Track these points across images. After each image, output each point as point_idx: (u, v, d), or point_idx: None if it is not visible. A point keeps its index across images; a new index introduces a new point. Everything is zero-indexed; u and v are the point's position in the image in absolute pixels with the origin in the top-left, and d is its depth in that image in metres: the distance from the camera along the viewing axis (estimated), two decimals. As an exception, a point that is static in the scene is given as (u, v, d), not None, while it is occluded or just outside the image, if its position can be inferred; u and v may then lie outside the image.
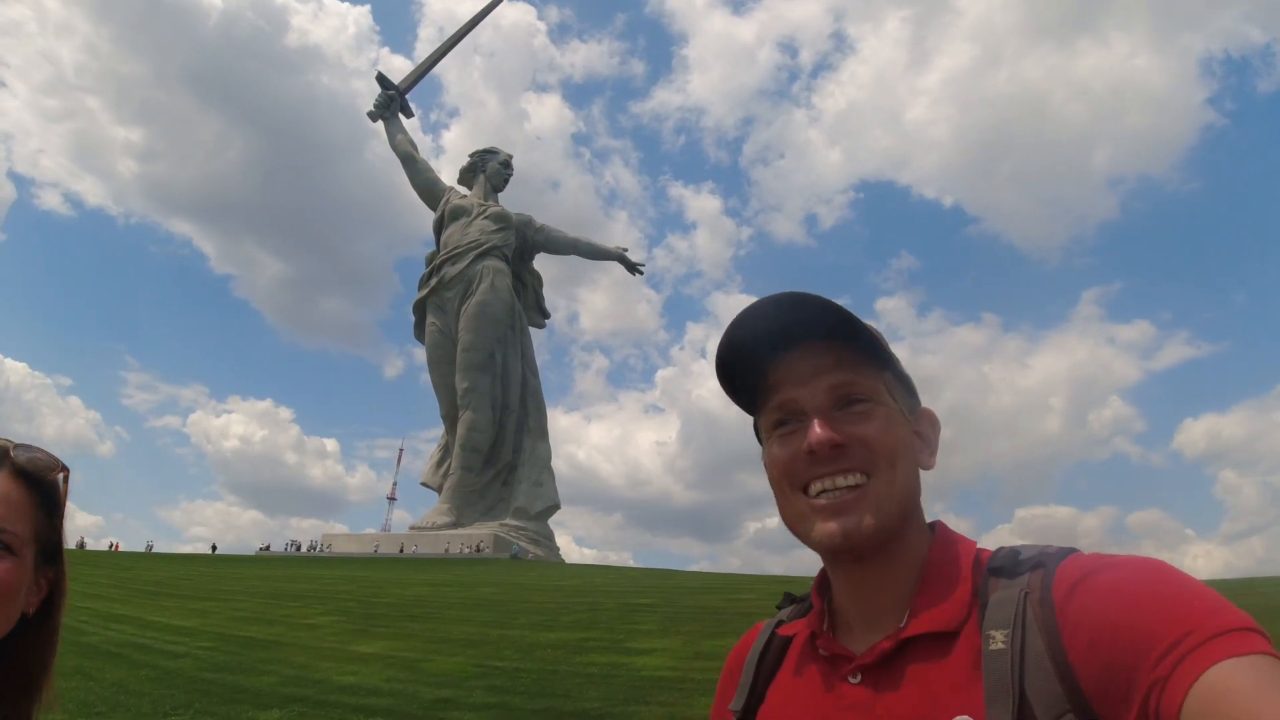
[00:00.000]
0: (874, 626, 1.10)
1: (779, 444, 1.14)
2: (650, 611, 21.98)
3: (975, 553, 1.11)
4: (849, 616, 1.16)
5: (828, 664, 1.13)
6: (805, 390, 1.12)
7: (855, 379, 1.11)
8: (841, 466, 1.08)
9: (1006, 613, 0.97)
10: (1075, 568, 0.96)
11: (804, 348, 1.13)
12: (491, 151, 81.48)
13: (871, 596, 1.12)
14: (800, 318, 1.12)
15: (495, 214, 75.03)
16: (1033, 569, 1.01)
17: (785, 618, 1.30)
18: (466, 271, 71.78)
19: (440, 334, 72.08)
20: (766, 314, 1.14)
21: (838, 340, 1.12)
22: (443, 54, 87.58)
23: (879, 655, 1.05)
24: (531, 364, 76.13)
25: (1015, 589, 0.99)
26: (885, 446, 1.09)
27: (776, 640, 1.26)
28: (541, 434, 74.43)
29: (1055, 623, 0.92)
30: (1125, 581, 0.90)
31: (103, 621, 20.95)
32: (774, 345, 1.14)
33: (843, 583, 1.16)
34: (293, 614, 22.49)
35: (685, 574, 49.30)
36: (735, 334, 1.16)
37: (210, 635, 18.58)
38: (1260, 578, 29.94)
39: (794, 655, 1.21)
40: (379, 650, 16.24)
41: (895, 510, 1.08)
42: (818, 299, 1.12)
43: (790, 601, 1.35)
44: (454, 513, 67.33)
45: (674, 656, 14.76)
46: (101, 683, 13.22)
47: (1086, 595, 0.91)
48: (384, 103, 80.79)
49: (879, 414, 1.11)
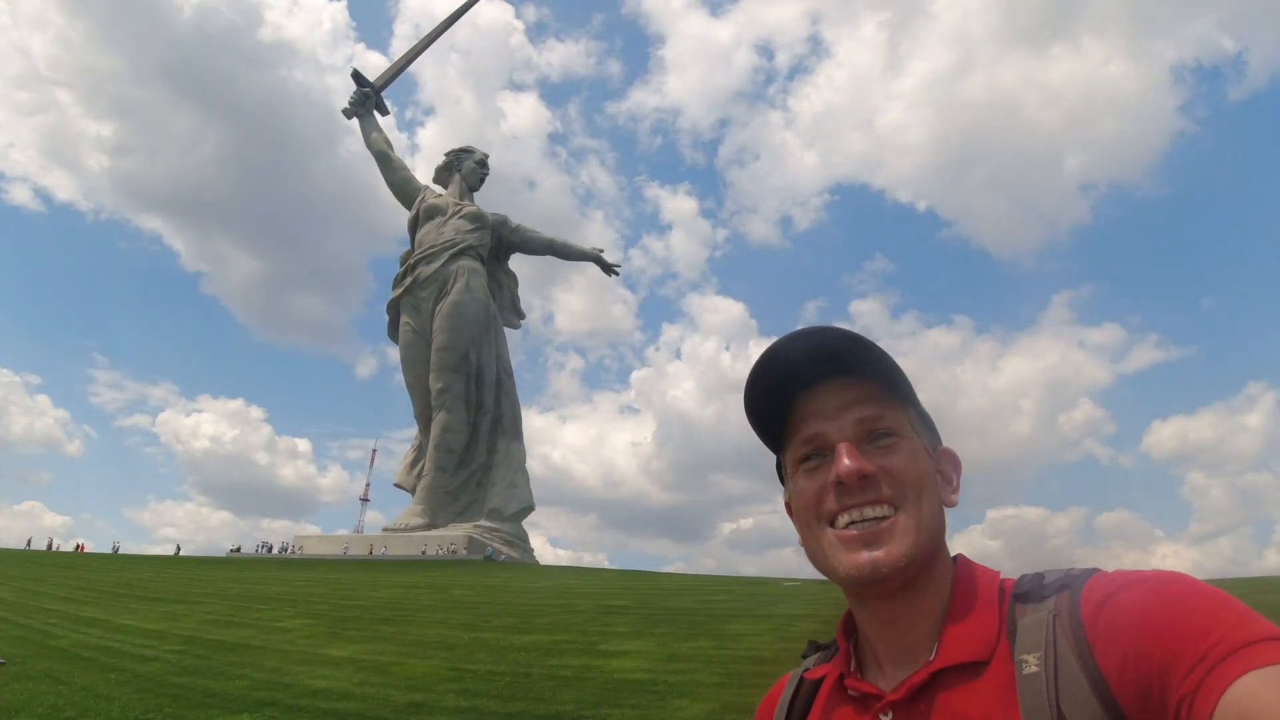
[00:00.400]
0: (902, 663, 1.10)
1: (806, 477, 1.15)
2: (624, 614, 22.04)
3: (999, 581, 1.12)
4: (877, 655, 1.15)
5: (858, 704, 1.12)
6: (833, 424, 1.12)
7: (882, 413, 1.12)
8: (870, 498, 1.08)
9: (1037, 636, 0.97)
10: (1100, 587, 0.97)
11: (831, 383, 1.14)
12: (467, 150, 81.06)
13: (900, 633, 1.11)
14: (828, 352, 1.13)
15: (470, 213, 74.65)
16: (1058, 591, 1.02)
17: (811, 664, 1.30)
18: (441, 271, 71.34)
19: (414, 334, 71.60)
20: (794, 349, 1.14)
21: (865, 377, 1.13)
22: (419, 51, 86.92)
23: (909, 690, 1.04)
24: (506, 364, 75.79)
25: (1043, 612, 1.00)
26: (913, 478, 1.10)
27: (805, 686, 1.26)
28: (516, 435, 74.13)
29: (1086, 642, 0.93)
30: (1151, 596, 0.91)
31: (72, 624, 20.70)
32: (802, 381, 1.15)
33: (870, 619, 1.15)
34: (263, 617, 22.33)
35: (660, 575, 49.39)
36: (764, 370, 1.16)
37: (180, 639, 18.42)
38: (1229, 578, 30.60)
39: (822, 699, 1.20)
40: (351, 654, 16.19)
41: (924, 543, 1.08)
42: (846, 333, 1.13)
43: (815, 649, 1.34)
44: (428, 514, 66.88)
45: (648, 659, 14.83)
46: (71, 686, 13.10)
47: (1114, 613, 0.92)
48: (359, 100, 80.00)
49: (904, 447, 1.12)
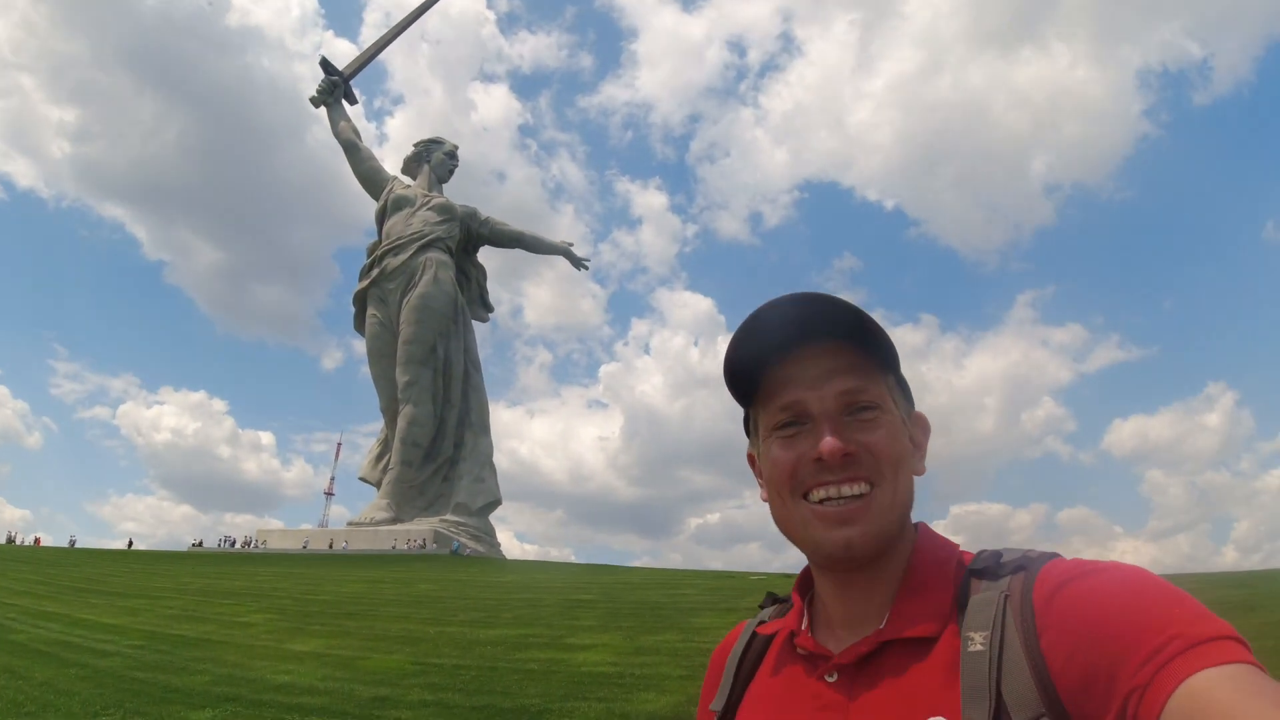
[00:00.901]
0: (853, 627, 1.11)
1: (781, 446, 1.12)
2: (591, 608, 22.16)
3: (957, 556, 1.11)
4: (831, 616, 1.15)
5: (806, 663, 1.13)
6: (815, 394, 1.10)
7: (865, 385, 1.10)
8: (848, 475, 1.07)
9: (986, 615, 0.97)
10: (1057, 572, 0.96)
11: (815, 348, 1.11)
12: (437, 141, 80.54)
13: (857, 600, 1.11)
14: (816, 316, 1.11)
15: (439, 205, 74.17)
16: (1014, 572, 1.01)
17: (766, 617, 1.30)
18: (409, 263, 70.81)
19: (381, 326, 71.06)
20: (783, 312, 1.12)
21: (851, 343, 1.11)
22: (389, 41, 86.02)
23: (856, 657, 1.05)
24: (474, 358, 75.48)
25: (996, 592, 1.00)
26: (891, 456, 1.08)
27: (757, 640, 1.26)
28: (483, 429, 73.88)
29: (1035, 626, 0.92)
30: (1107, 587, 0.90)
31: (30, 619, 20.35)
32: (786, 343, 1.12)
33: (830, 587, 1.15)
34: (226, 612, 22.12)
35: (626, 570, 49.57)
36: (750, 332, 1.14)
37: (140, 634, 18.20)
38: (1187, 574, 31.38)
39: (773, 654, 1.21)
40: (314, 648, 16.12)
41: (895, 519, 1.09)
42: (835, 300, 1.12)
43: (772, 601, 1.34)
44: (393, 508, 66.44)
45: (614, 652, 14.95)
46: (30, 681, 12.91)
47: (1067, 600, 0.92)
48: (327, 88, 79.05)
49: (885, 422, 1.10)
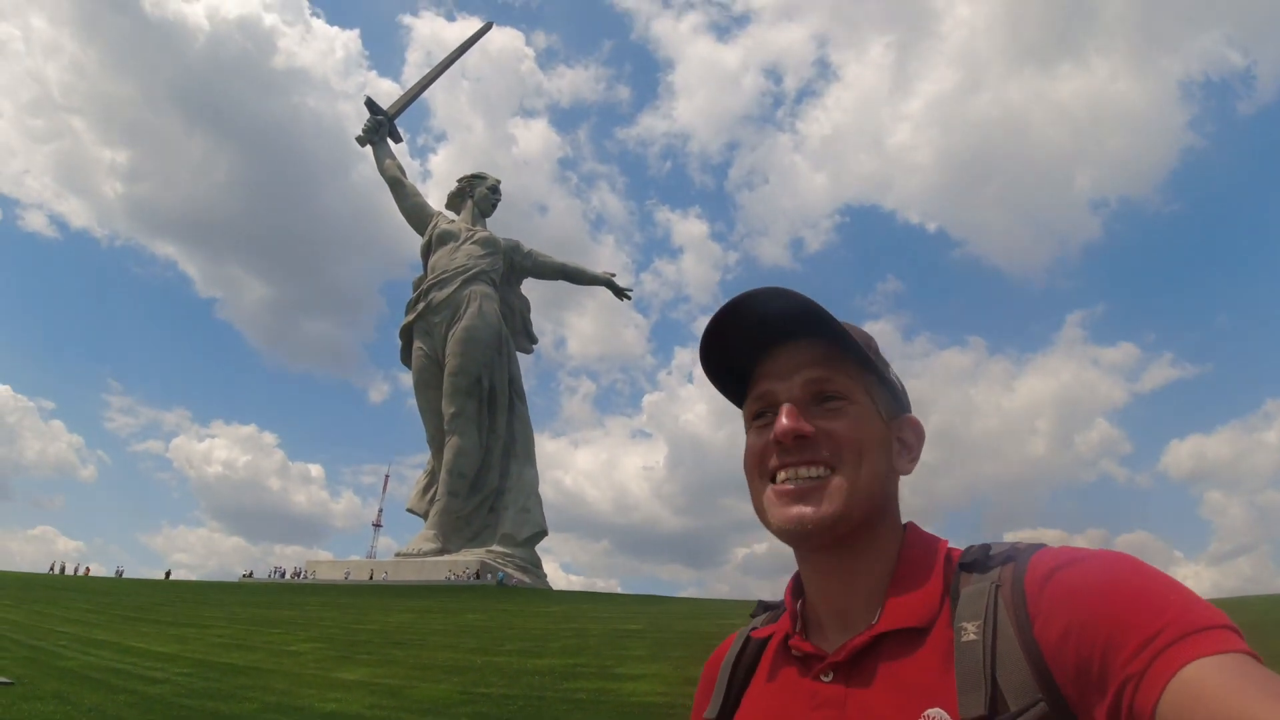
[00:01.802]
0: (846, 625, 1.11)
1: (754, 434, 1.18)
2: (639, 638, 21.82)
3: (946, 550, 1.12)
4: (821, 616, 1.16)
5: (800, 664, 1.13)
6: (782, 385, 1.15)
7: (831, 375, 1.13)
8: (806, 458, 1.10)
9: (978, 605, 0.98)
10: (1047, 560, 0.97)
11: (789, 344, 1.16)
12: (480, 176, 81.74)
13: (841, 592, 1.12)
14: (781, 313, 1.14)
15: (483, 239, 75.12)
16: (1004, 563, 1.02)
17: (759, 624, 1.31)
18: (454, 296, 71.65)
19: (427, 359, 71.82)
20: (750, 309, 1.15)
21: (817, 338, 1.15)
22: (431, 80, 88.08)
23: (850, 652, 1.05)
24: (519, 389, 75.86)
25: (987, 582, 1.00)
26: (852, 442, 1.10)
27: (751, 645, 1.27)
28: (529, 459, 73.98)
29: (1027, 613, 0.93)
30: (1099, 574, 0.90)
31: (81, 646, 20.59)
32: (757, 340, 1.17)
33: (811, 575, 1.17)
34: (274, 641, 22.17)
35: (673, 600, 49.01)
36: (714, 329, 1.17)
37: (190, 661, 18.27)
38: (1251, 596, 30.00)
39: (768, 659, 1.21)
40: (361, 677, 15.99)
41: (858, 503, 1.08)
42: (795, 296, 1.12)
43: (764, 609, 1.35)
44: (440, 539, 66.63)
45: (663, 682, 14.62)
46: (79, 707, 12.97)
47: (1059, 586, 0.92)
48: (373, 127, 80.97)
49: (850, 411, 1.12)
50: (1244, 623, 0.85)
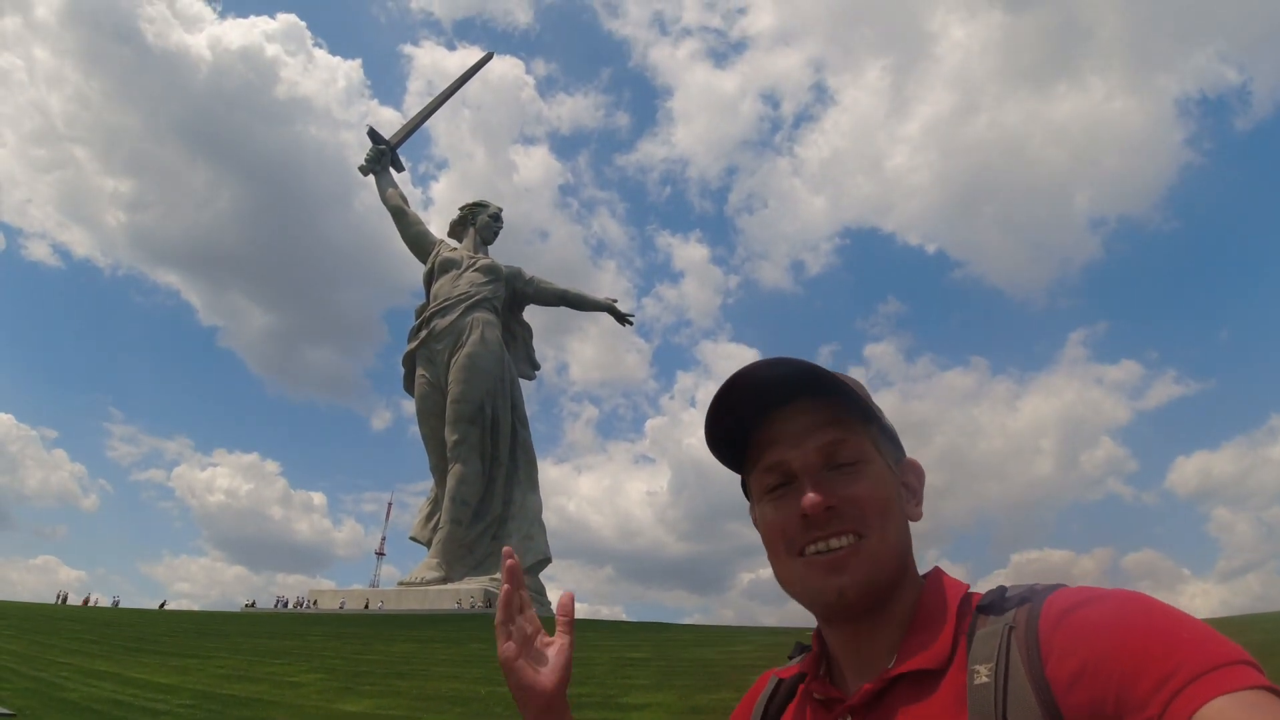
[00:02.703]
0: (864, 671, 1.12)
1: (772, 508, 1.16)
2: (643, 666, 21.62)
3: (964, 594, 1.12)
4: (842, 663, 1.17)
5: (822, 707, 1.15)
6: (797, 452, 1.14)
7: (845, 437, 1.13)
8: (834, 529, 1.09)
9: (990, 647, 0.98)
10: (1061, 601, 0.97)
11: (793, 406, 1.16)
12: (482, 205, 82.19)
13: (864, 649, 1.13)
14: (783, 378, 1.14)
15: (485, 266, 75.45)
16: (1019, 604, 1.02)
17: (793, 664, 1.32)
18: (456, 324, 71.85)
19: (430, 386, 71.87)
20: (753, 376, 1.15)
21: (827, 398, 1.15)
22: (433, 110, 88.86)
23: (865, 697, 1.06)
24: (522, 416, 75.83)
25: (1000, 624, 1.00)
26: (876, 504, 1.10)
27: (782, 687, 1.28)
28: (532, 486, 73.79)
29: (1039, 654, 0.92)
30: (1112, 614, 0.90)
31: (82, 677, 20.45)
32: (761, 406, 1.17)
33: (834, 637, 1.17)
34: (277, 672, 21.99)
35: (678, 627, 48.47)
36: (725, 402, 1.17)
37: (192, 693, 18.13)
38: (1260, 614, 29.67)
39: (796, 700, 1.23)
40: (365, 709, 15.86)
41: (889, 566, 1.10)
42: (797, 361, 1.14)
43: (800, 651, 1.35)
44: (443, 567, 66.26)
45: (668, 711, 14.49)
46: (79, 743, 12.85)
47: (1071, 626, 0.92)
48: (375, 157, 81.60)
49: (868, 472, 1.13)
50: (1255, 642, 0.84)
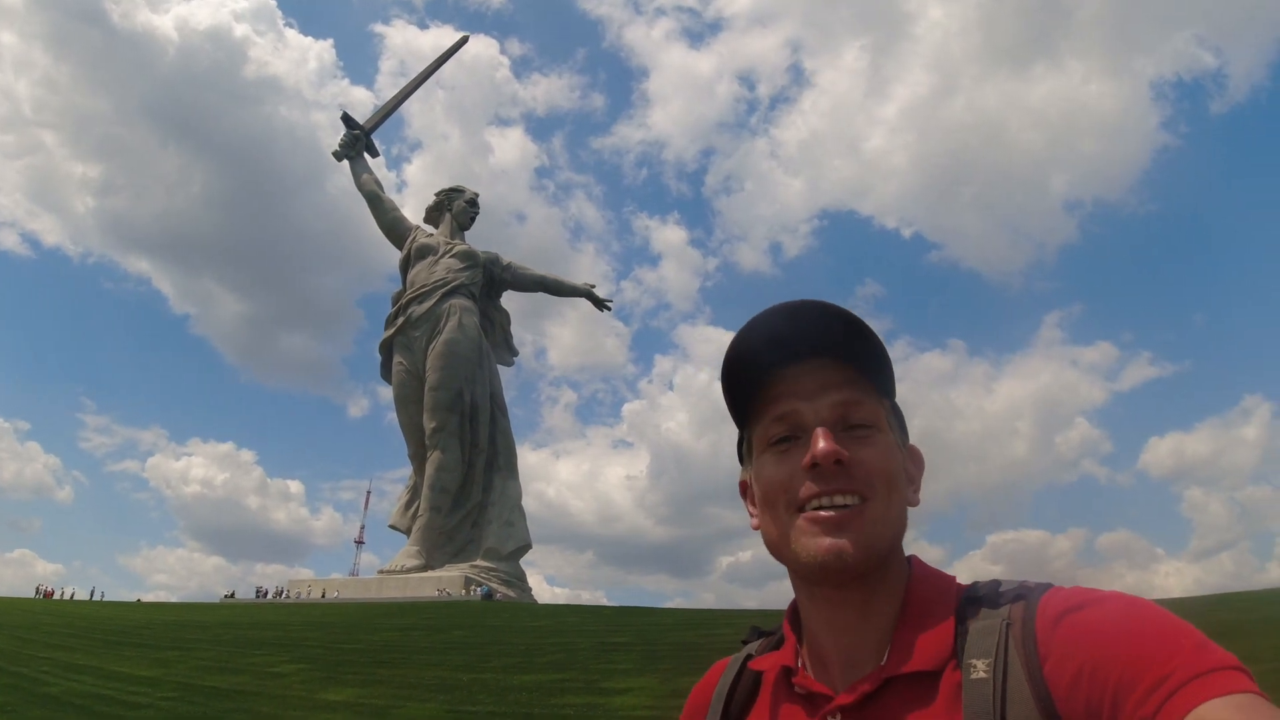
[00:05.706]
0: (853, 664, 1.07)
1: (775, 460, 1.10)
2: (626, 650, 21.79)
3: (954, 586, 1.10)
4: (825, 652, 1.11)
5: (805, 703, 1.10)
6: (809, 406, 1.08)
7: (860, 399, 1.09)
8: (840, 486, 1.04)
9: (989, 642, 0.97)
10: (1058, 601, 0.97)
11: (811, 362, 1.10)
12: (458, 190, 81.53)
13: (850, 630, 1.08)
14: (814, 329, 1.10)
15: (461, 252, 74.91)
16: (1014, 601, 1.01)
17: (754, 652, 1.26)
18: (434, 310, 71.36)
19: (407, 373, 71.41)
20: (779, 322, 1.11)
21: (847, 360, 1.10)
22: (408, 94, 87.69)
23: (860, 696, 1.02)
24: (500, 402, 75.54)
25: (997, 619, 0.99)
26: (884, 473, 1.06)
27: (748, 675, 1.22)
28: (511, 472, 73.64)
29: (1037, 654, 0.92)
30: (1110, 617, 0.91)
31: (63, 671, 20.32)
32: (782, 356, 1.11)
33: (819, 612, 1.11)
34: (258, 662, 21.95)
35: (660, 611, 48.76)
36: (745, 340, 1.12)
37: (174, 685, 18.09)
38: (1233, 593, 30.36)
39: (767, 692, 1.17)
40: (347, 698, 15.90)
41: (887, 536, 1.06)
42: (836, 309, 1.10)
43: (758, 635, 1.30)
44: (423, 555, 66.10)
45: (651, 695, 14.63)
46: (61, 737, 12.84)
47: (1070, 629, 0.92)
48: (349, 142, 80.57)
49: (880, 440, 1.09)
50: (1228, 620, 0.91)
